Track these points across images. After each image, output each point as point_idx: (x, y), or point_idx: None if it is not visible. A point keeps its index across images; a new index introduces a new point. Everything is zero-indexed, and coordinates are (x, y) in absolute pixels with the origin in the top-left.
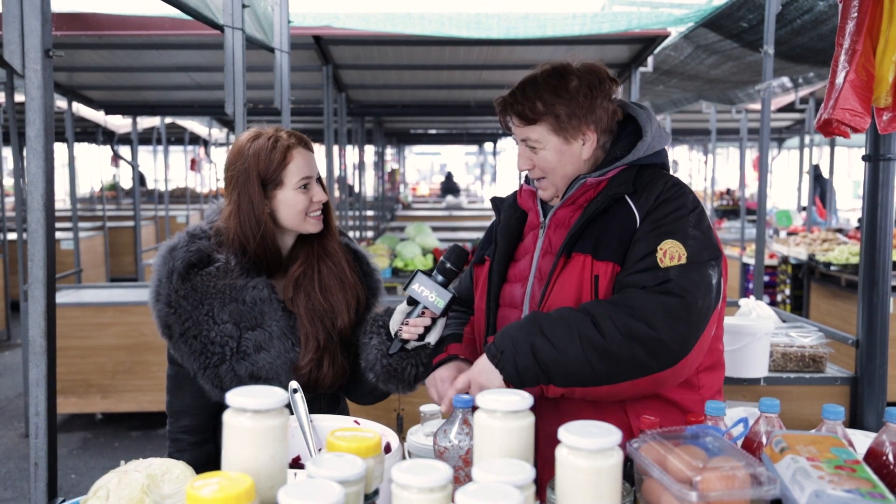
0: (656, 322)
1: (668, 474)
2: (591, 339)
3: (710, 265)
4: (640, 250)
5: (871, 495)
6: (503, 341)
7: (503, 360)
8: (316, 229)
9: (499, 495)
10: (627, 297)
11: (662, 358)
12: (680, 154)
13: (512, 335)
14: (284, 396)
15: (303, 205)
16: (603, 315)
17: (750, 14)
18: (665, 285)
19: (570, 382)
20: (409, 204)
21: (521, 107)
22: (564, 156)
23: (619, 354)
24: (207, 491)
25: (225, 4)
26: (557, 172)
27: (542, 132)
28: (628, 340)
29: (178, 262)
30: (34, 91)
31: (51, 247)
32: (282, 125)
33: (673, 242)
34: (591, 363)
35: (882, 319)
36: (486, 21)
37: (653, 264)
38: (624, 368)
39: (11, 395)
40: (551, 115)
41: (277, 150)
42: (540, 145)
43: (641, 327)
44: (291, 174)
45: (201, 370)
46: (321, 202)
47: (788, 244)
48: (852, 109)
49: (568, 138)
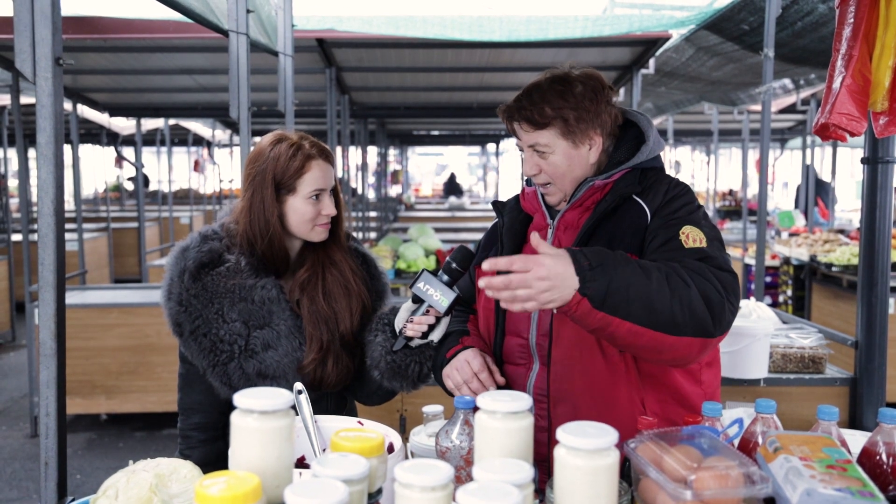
0: (719, 287)
1: (664, 474)
2: (677, 285)
3: (725, 252)
4: (662, 237)
5: (861, 494)
6: (593, 256)
7: (596, 273)
8: (320, 238)
9: (499, 494)
10: (687, 263)
11: (721, 323)
12: (682, 155)
13: (602, 256)
14: (290, 398)
15: (311, 215)
16: (677, 268)
17: (751, 16)
18: (712, 260)
19: (647, 323)
20: (412, 205)
21: (530, 112)
22: (573, 160)
23: (696, 308)
24: (216, 489)
25: (230, 10)
26: (567, 177)
27: (551, 137)
28: (703, 297)
29: (189, 261)
30: (45, 98)
31: (61, 250)
32: (293, 129)
33: (692, 228)
34: (674, 308)
35: (881, 320)
36: (488, 24)
37: (679, 246)
38: (694, 323)
39: (17, 395)
40: (560, 120)
41: (297, 158)
42: (549, 150)
43: (710, 288)
44: (305, 184)
45: (210, 367)
46: (329, 216)
47: (790, 245)
48: (849, 114)
49: (576, 142)
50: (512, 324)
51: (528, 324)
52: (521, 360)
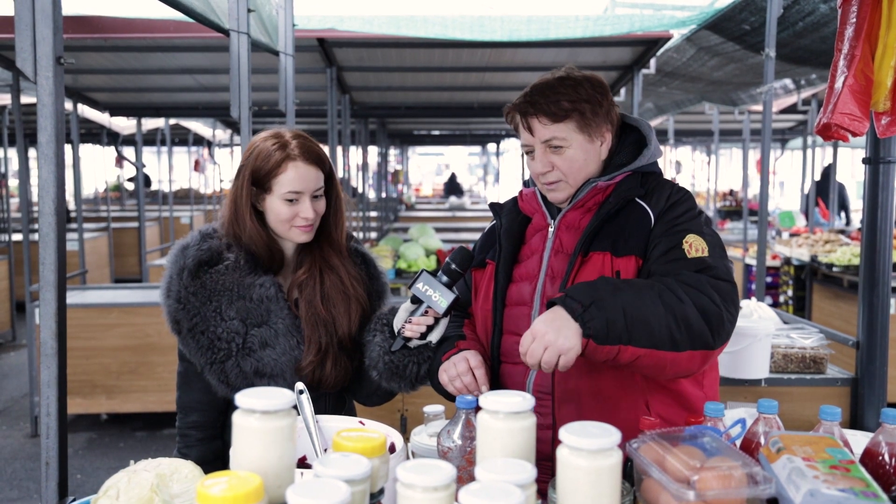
0: (716, 299)
1: (667, 474)
2: (671, 302)
3: (728, 261)
4: (665, 246)
5: (864, 494)
6: (581, 296)
7: (589, 313)
8: (301, 240)
9: (501, 494)
10: (684, 276)
11: (720, 334)
12: (683, 155)
13: (590, 293)
14: (292, 398)
15: (286, 216)
16: (671, 284)
17: (752, 16)
18: (711, 270)
19: (649, 344)
20: (413, 205)
21: (547, 106)
22: (589, 154)
23: (692, 323)
24: (217, 489)
25: (230, 9)
26: (581, 172)
27: (569, 130)
28: (699, 310)
29: (188, 259)
30: (46, 98)
31: (62, 250)
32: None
33: (695, 237)
34: (670, 327)
35: (882, 321)
36: (489, 24)
37: (681, 256)
38: (693, 337)
39: (17, 395)
40: (577, 113)
41: (274, 157)
42: (566, 143)
43: (706, 301)
44: (280, 185)
45: (208, 365)
46: (307, 219)
47: (791, 245)
48: (851, 114)
49: (592, 136)
50: (511, 323)
51: (527, 322)
52: (520, 358)
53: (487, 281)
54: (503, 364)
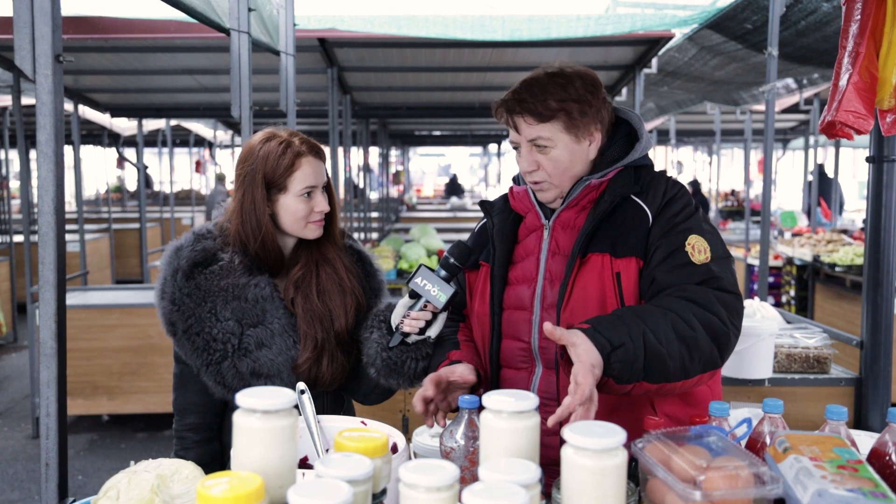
0: (723, 317)
1: (673, 474)
2: (683, 332)
3: (731, 261)
4: (667, 247)
5: (873, 494)
6: (611, 334)
7: (616, 355)
8: (315, 235)
9: (505, 494)
10: (690, 293)
11: (727, 352)
12: (684, 155)
13: (618, 334)
14: (293, 397)
15: (303, 212)
16: (682, 309)
17: (754, 16)
18: (717, 281)
19: (662, 379)
20: (414, 205)
21: (534, 105)
22: (575, 155)
23: (703, 348)
24: (218, 490)
25: (231, 8)
26: (567, 173)
27: (555, 131)
28: (709, 334)
29: (183, 261)
30: (45, 96)
31: (61, 250)
32: (295, 129)
33: (696, 237)
34: (683, 357)
35: (886, 320)
36: (490, 23)
37: (686, 260)
38: (703, 361)
39: (18, 396)
40: (564, 113)
41: (286, 156)
42: (551, 143)
43: (715, 321)
44: (296, 182)
45: (204, 367)
46: (323, 212)
47: (793, 245)
48: (856, 112)
49: (578, 137)
50: (511, 327)
51: (528, 327)
52: (522, 363)
53: (483, 283)
54: (504, 369)
